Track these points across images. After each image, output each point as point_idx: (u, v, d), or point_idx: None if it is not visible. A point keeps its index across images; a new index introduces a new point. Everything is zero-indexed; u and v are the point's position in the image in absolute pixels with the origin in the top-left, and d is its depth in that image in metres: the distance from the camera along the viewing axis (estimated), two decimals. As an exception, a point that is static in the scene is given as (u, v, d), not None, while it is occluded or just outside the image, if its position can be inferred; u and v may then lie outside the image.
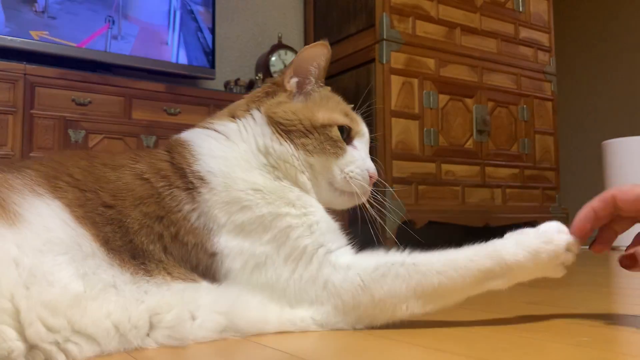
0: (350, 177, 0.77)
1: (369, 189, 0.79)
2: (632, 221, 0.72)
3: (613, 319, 0.78)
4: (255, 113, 0.78)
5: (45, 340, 0.54)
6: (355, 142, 0.80)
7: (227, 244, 0.68)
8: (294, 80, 0.80)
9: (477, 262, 0.67)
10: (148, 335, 0.62)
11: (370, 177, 0.79)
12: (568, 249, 0.68)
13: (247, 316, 0.67)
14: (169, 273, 0.65)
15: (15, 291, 0.54)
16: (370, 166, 0.79)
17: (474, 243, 0.68)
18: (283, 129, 0.76)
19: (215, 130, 0.77)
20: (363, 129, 0.82)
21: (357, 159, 0.78)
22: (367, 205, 0.81)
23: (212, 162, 0.71)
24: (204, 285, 0.67)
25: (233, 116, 0.79)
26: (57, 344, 0.55)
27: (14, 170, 0.65)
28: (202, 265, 0.68)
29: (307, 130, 0.76)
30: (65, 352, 0.56)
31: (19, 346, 0.53)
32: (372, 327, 0.69)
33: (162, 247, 0.67)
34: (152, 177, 0.69)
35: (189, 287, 0.65)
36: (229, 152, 0.74)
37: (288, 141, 0.75)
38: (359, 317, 0.68)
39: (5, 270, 0.54)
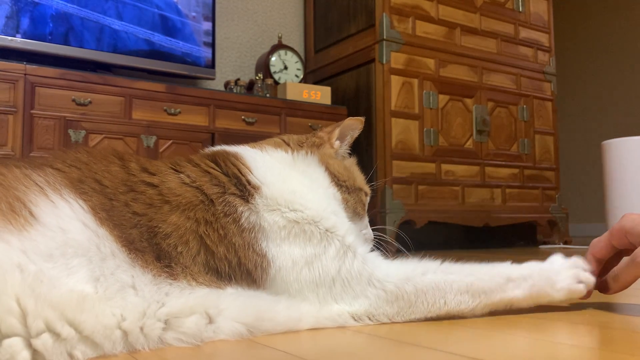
0: (366, 240, 0.88)
1: None
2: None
3: (613, 318, 0.78)
4: (311, 156, 0.86)
5: (52, 352, 0.54)
6: None
7: (278, 247, 0.71)
8: (338, 142, 0.91)
9: (499, 266, 0.77)
10: (159, 337, 0.62)
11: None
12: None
13: (275, 319, 0.69)
14: (194, 279, 0.66)
15: (21, 293, 0.53)
16: (370, 231, 0.93)
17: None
18: (336, 181, 0.85)
19: (267, 153, 0.84)
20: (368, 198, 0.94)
21: (368, 225, 0.91)
22: None
23: (268, 175, 0.77)
24: (229, 291, 0.68)
25: (279, 148, 0.86)
26: (62, 354, 0.55)
27: (36, 168, 0.65)
28: (252, 263, 0.70)
29: (350, 188, 0.87)
30: (70, 357, 0.56)
31: (25, 358, 0.53)
32: (410, 321, 0.74)
33: (198, 249, 0.67)
34: (204, 184, 0.72)
35: (213, 292, 0.66)
36: (284, 171, 0.80)
37: (340, 192, 0.85)
38: (400, 308, 0.74)
39: (10, 276, 0.53)
